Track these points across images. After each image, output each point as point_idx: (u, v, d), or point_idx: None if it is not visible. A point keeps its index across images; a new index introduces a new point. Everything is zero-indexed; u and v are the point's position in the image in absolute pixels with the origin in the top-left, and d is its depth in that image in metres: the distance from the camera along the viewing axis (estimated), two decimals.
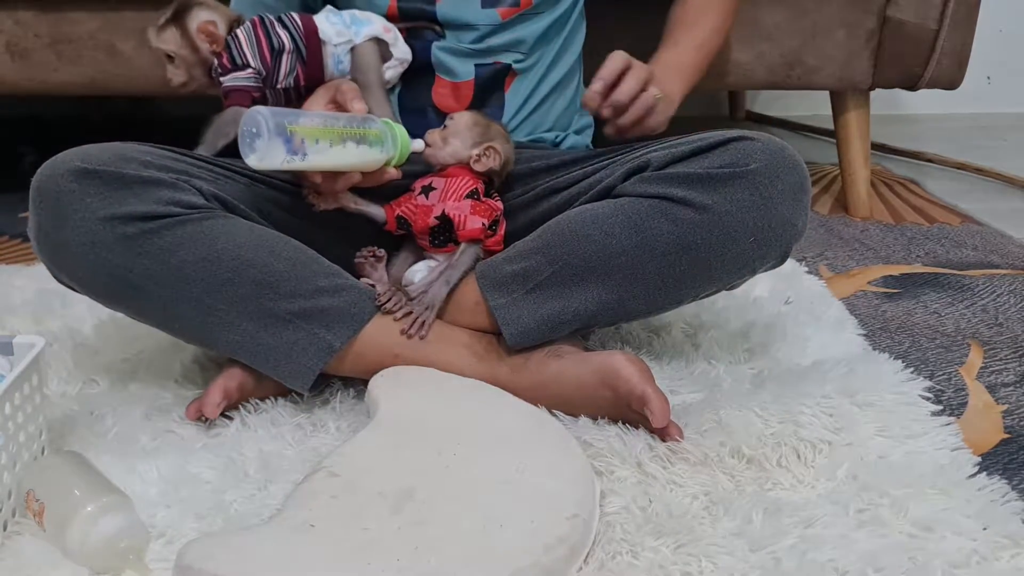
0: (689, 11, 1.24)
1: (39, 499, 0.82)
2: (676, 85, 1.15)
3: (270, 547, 0.76)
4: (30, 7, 1.50)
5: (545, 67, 1.19)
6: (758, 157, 0.95)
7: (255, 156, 0.91)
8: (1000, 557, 0.80)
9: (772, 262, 1.00)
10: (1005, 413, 1.06)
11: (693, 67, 1.20)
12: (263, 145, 0.90)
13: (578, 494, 0.84)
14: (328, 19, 1.12)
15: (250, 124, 0.91)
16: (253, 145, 0.91)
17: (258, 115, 0.90)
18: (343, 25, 1.11)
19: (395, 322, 1.02)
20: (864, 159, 1.74)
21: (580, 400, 0.99)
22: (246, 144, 0.91)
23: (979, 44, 1.64)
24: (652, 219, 0.96)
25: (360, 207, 1.06)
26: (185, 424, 1.01)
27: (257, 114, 0.90)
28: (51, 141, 1.02)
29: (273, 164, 0.92)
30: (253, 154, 0.91)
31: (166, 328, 1.01)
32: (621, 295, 1.00)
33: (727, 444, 0.94)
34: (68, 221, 0.93)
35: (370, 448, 0.89)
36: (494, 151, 1.06)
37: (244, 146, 0.91)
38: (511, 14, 1.15)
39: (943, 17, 1.58)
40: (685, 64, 1.19)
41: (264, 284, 0.97)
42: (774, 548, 0.80)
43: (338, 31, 1.11)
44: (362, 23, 1.12)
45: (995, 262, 1.51)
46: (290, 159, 0.92)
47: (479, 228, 1.05)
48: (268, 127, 0.90)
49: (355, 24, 1.12)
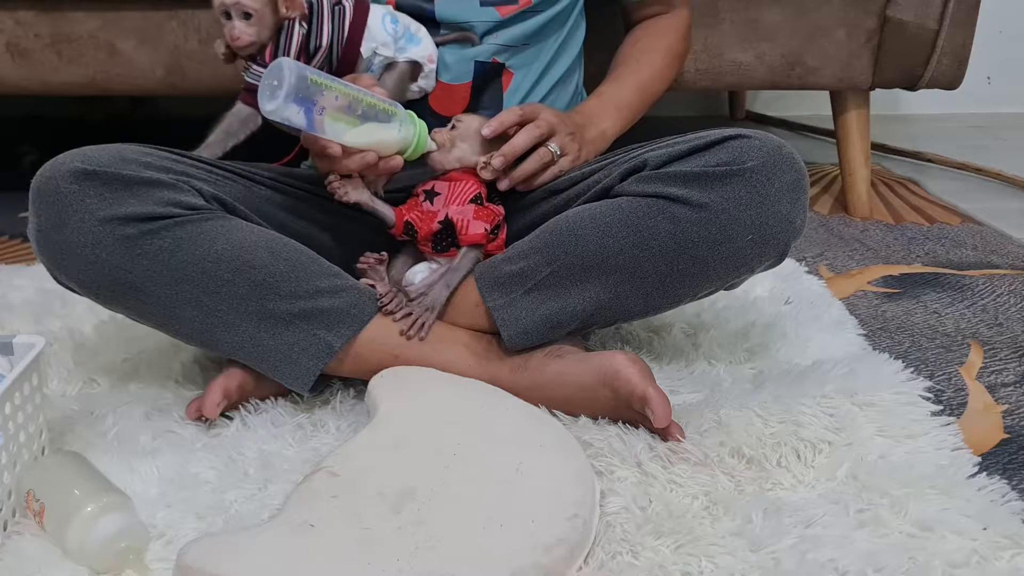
0: (636, 51, 1.26)
1: (39, 499, 0.82)
2: (612, 122, 1.17)
3: (270, 547, 0.76)
4: (30, 7, 1.50)
5: (544, 66, 1.19)
6: (755, 155, 0.95)
7: (271, 106, 0.91)
8: (1000, 557, 0.80)
9: (770, 260, 1.00)
10: (1005, 413, 1.06)
11: (632, 107, 1.21)
12: (281, 97, 0.90)
13: (578, 494, 0.84)
14: (385, 21, 1.07)
15: (273, 75, 0.91)
16: (273, 95, 0.91)
17: (283, 66, 0.90)
18: (395, 36, 1.07)
19: (395, 323, 1.02)
20: (864, 159, 1.74)
21: (580, 400, 0.99)
22: (265, 94, 0.92)
23: (979, 44, 1.64)
24: (650, 218, 0.96)
25: (375, 206, 1.05)
26: (185, 424, 1.01)
27: (283, 65, 0.90)
28: (51, 141, 1.02)
29: (289, 119, 0.92)
30: (270, 104, 0.91)
31: (166, 329, 1.01)
32: (619, 294, 1.00)
33: (727, 444, 0.94)
34: (68, 222, 0.93)
35: (370, 448, 0.89)
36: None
37: (263, 96, 0.92)
38: (510, 12, 1.15)
39: (943, 17, 1.58)
40: (624, 102, 1.20)
41: (264, 285, 0.97)
42: (774, 548, 0.80)
43: (386, 42, 1.06)
44: (413, 42, 1.09)
45: (995, 262, 1.51)
46: (305, 118, 0.92)
47: (481, 234, 1.05)
48: (290, 80, 0.90)
49: (407, 41, 1.08)
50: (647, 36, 1.28)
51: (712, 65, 1.59)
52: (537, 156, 1.06)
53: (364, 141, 0.99)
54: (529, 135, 1.06)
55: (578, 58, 1.25)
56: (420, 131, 1.02)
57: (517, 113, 1.06)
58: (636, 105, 1.22)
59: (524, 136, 1.05)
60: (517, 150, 1.05)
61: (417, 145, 1.02)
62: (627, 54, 1.26)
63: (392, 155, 1.02)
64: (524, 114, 1.06)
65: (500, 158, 1.05)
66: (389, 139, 1.00)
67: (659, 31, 1.29)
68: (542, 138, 1.07)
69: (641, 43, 1.27)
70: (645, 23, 1.30)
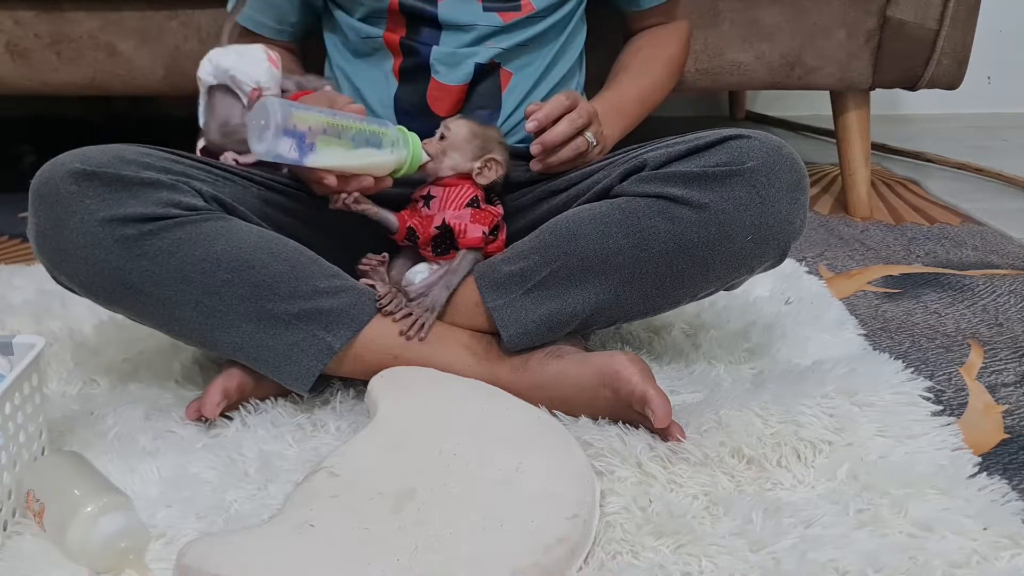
0: (637, 60, 1.26)
1: (39, 499, 0.82)
2: (615, 128, 1.18)
3: (270, 547, 0.76)
4: (30, 7, 1.50)
5: (543, 67, 1.19)
6: (755, 155, 0.95)
7: (262, 147, 0.91)
8: (1000, 557, 0.80)
9: (770, 261, 1.00)
10: (1005, 413, 1.05)
11: (632, 116, 1.22)
12: (271, 137, 0.90)
13: (578, 494, 0.84)
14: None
15: (259, 115, 0.91)
16: (261, 136, 0.91)
17: (268, 105, 0.90)
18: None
19: (395, 323, 1.02)
20: (864, 159, 1.74)
21: (580, 400, 0.99)
22: (254, 136, 0.91)
23: (979, 44, 1.64)
24: (650, 218, 0.96)
25: (380, 214, 1.05)
26: (185, 424, 1.01)
27: (267, 104, 0.90)
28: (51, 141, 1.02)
29: (281, 155, 0.92)
30: (260, 145, 0.91)
31: (166, 329, 1.01)
32: (619, 294, 1.00)
33: (727, 444, 0.93)
34: (67, 223, 0.93)
35: (370, 448, 0.89)
36: (495, 163, 1.06)
37: (252, 137, 0.91)
38: (513, 18, 1.15)
39: (943, 17, 1.58)
40: (626, 111, 1.21)
41: (263, 285, 0.97)
42: (774, 548, 0.80)
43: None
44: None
45: (995, 262, 1.51)
46: (298, 153, 0.92)
47: (479, 237, 1.05)
48: (277, 119, 0.89)
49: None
50: (649, 46, 1.29)
51: (712, 65, 1.59)
52: (574, 145, 1.07)
53: (358, 165, 0.98)
54: (571, 125, 1.06)
55: (578, 60, 1.25)
56: (413, 148, 1.02)
57: (564, 105, 1.06)
58: (636, 113, 1.22)
59: (566, 126, 1.06)
60: (557, 140, 1.06)
61: (411, 162, 1.02)
62: (627, 62, 1.27)
63: (386, 176, 1.02)
64: (568, 104, 1.06)
65: (538, 146, 1.06)
66: (382, 162, 1.00)
67: (661, 41, 1.29)
68: (582, 128, 1.07)
69: (643, 52, 1.28)
70: (646, 32, 1.30)
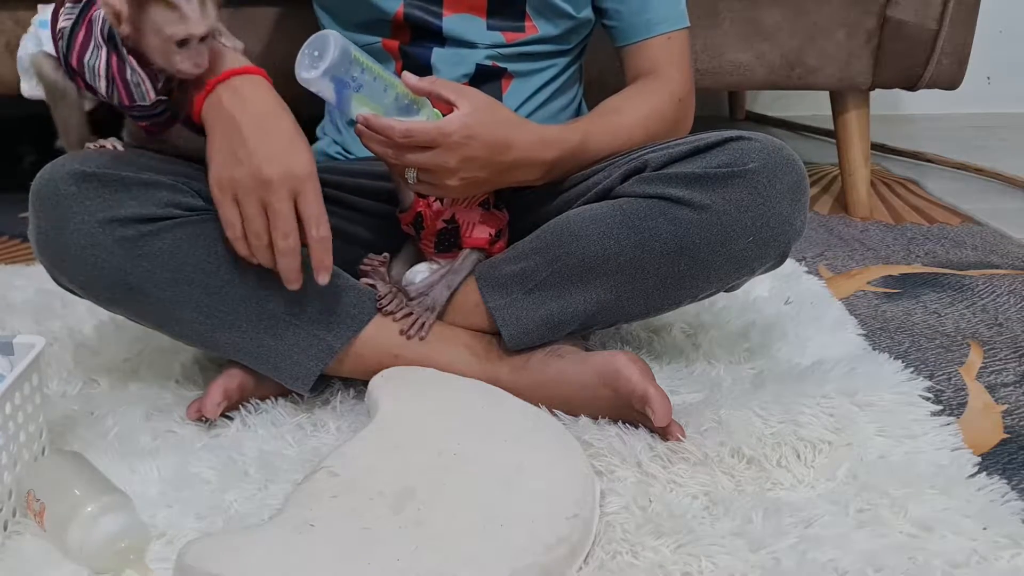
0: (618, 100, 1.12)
1: (39, 499, 0.82)
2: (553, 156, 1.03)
3: (270, 547, 0.76)
4: (30, 7, 1.50)
5: (545, 78, 1.18)
6: (756, 157, 0.95)
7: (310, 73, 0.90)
8: (1000, 557, 0.80)
9: (771, 262, 1.00)
10: (1005, 413, 1.06)
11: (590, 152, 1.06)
12: (323, 67, 0.89)
13: (578, 494, 0.84)
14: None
15: (316, 45, 0.90)
16: (314, 64, 0.90)
17: (328, 37, 0.89)
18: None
19: (395, 323, 1.02)
20: (864, 159, 1.74)
21: (580, 400, 0.99)
22: (304, 63, 0.91)
23: (979, 44, 1.64)
24: (650, 219, 0.96)
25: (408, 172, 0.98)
26: (185, 424, 1.01)
27: (328, 37, 0.90)
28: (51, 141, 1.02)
29: (321, 90, 0.91)
30: (310, 72, 0.90)
31: (166, 330, 1.01)
32: (620, 295, 1.00)
33: (727, 444, 0.94)
34: (68, 224, 0.93)
35: (370, 448, 0.89)
36: None
37: (302, 64, 0.91)
38: (515, 39, 1.14)
39: (943, 17, 1.58)
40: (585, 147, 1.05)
41: (263, 286, 0.97)
42: (774, 548, 0.80)
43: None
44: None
45: (995, 262, 1.51)
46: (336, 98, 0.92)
47: (485, 238, 1.05)
48: (334, 52, 0.89)
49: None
50: (636, 93, 1.14)
51: (712, 65, 1.59)
52: (383, 155, 0.97)
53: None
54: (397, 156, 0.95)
55: (579, 69, 1.24)
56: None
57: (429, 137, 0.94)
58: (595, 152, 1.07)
59: (392, 152, 0.95)
60: (378, 149, 0.96)
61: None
62: (608, 104, 1.12)
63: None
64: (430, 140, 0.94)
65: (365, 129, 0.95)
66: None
67: (649, 90, 1.14)
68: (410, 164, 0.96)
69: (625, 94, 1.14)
70: (637, 82, 1.16)
